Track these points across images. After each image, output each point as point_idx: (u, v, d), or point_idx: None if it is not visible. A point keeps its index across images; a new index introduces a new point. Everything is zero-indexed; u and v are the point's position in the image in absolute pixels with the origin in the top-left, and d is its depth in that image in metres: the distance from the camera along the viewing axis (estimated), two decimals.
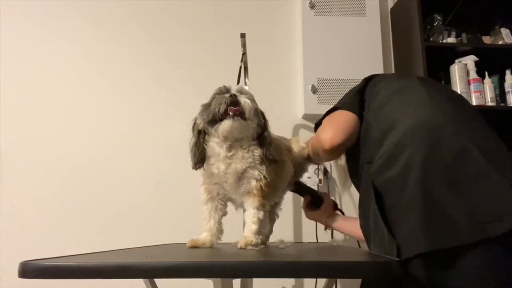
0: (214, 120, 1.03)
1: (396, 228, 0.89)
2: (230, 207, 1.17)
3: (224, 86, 1.07)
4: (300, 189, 1.45)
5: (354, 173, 1.20)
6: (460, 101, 1.14)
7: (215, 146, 1.06)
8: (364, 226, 1.06)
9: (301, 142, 1.33)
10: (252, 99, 1.05)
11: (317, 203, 1.43)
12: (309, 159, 1.34)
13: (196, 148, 1.07)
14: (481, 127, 1.02)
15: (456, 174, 0.88)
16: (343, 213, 1.46)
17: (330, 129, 1.14)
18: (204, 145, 1.07)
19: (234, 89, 1.06)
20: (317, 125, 1.26)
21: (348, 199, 2.06)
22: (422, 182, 0.88)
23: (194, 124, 1.09)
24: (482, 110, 1.98)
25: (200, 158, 1.07)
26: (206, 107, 1.05)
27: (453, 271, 0.83)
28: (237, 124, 1.01)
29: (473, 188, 0.86)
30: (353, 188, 1.32)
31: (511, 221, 0.81)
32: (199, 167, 1.08)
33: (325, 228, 1.83)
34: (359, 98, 1.18)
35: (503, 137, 1.00)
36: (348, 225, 1.34)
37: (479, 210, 0.84)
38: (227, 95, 1.03)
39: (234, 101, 1.01)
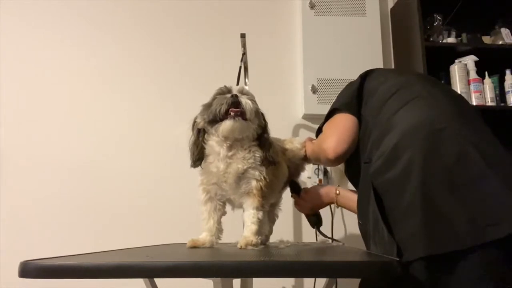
0: (215, 120, 1.03)
1: (396, 230, 0.89)
2: (229, 206, 1.17)
3: (225, 86, 1.07)
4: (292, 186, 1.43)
5: (353, 173, 1.20)
6: (460, 100, 1.13)
7: (215, 145, 1.06)
8: (362, 226, 1.05)
9: (295, 143, 1.33)
10: (253, 100, 1.05)
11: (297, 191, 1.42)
12: (305, 159, 1.34)
13: (195, 147, 1.08)
14: (480, 128, 1.01)
15: (456, 178, 0.88)
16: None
17: (332, 138, 1.14)
18: (203, 144, 1.07)
19: (235, 90, 1.06)
20: (320, 129, 1.26)
21: None
22: (422, 185, 0.88)
23: (194, 123, 1.09)
24: (482, 110, 1.98)
25: (198, 156, 1.07)
26: (207, 107, 1.05)
27: (452, 274, 0.83)
28: (238, 124, 1.01)
29: (473, 192, 0.86)
30: (350, 187, 1.32)
31: (510, 225, 0.81)
32: (197, 166, 1.08)
33: (316, 238, 1.79)
34: (357, 96, 1.17)
35: (503, 137, 1.00)
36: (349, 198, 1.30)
37: (478, 214, 0.84)
38: (229, 95, 1.03)
39: (235, 102, 1.01)
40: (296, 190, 1.42)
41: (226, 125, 1.01)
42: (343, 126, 1.15)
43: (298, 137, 2.09)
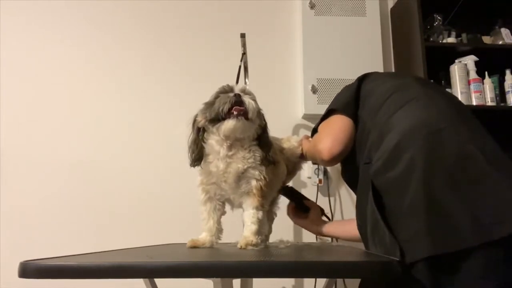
0: (217, 119, 1.02)
1: (398, 231, 0.89)
2: (229, 206, 1.17)
3: (228, 85, 1.06)
4: (288, 193, 1.43)
5: (349, 174, 1.20)
6: (456, 101, 1.13)
7: (215, 144, 1.05)
8: (361, 227, 1.05)
9: (292, 141, 1.33)
10: (255, 100, 1.05)
11: (303, 209, 1.42)
12: (302, 158, 1.34)
13: (194, 146, 1.07)
14: (478, 128, 1.02)
15: (458, 177, 0.88)
16: (329, 219, 1.45)
17: (328, 139, 1.14)
18: (203, 143, 1.07)
19: (237, 89, 1.05)
20: (315, 129, 1.26)
21: (348, 199, 2.06)
22: (424, 185, 0.88)
23: (194, 121, 1.08)
24: (482, 110, 1.99)
25: (198, 155, 1.07)
26: (209, 105, 1.04)
27: (455, 273, 0.83)
28: (240, 124, 1.00)
29: (476, 191, 0.86)
30: (347, 188, 1.32)
31: None
32: (197, 165, 1.08)
33: (316, 238, 1.80)
34: (354, 98, 1.17)
35: (503, 137, 1.00)
36: (341, 229, 1.36)
37: (482, 213, 0.83)
38: (231, 94, 1.02)
39: (238, 101, 1.01)
40: (304, 208, 1.42)
41: (229, 124, 1.00)
42: (339, 127, 1.15)
43: (296, 136, 2.09)
